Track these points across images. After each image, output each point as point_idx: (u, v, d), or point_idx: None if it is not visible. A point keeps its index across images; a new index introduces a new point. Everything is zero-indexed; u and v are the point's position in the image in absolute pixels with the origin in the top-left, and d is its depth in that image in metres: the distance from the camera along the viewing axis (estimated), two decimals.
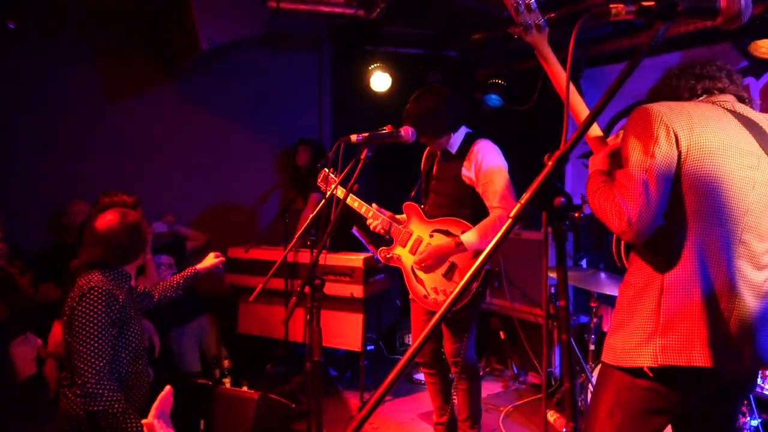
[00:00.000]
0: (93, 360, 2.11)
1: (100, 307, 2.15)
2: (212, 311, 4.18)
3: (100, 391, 2.08)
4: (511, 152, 2.84)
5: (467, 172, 2.75)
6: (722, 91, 1.64)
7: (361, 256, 3.91)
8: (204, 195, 4.73)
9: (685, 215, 1.52)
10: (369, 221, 2.95)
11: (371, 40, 4.75)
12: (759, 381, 2.65)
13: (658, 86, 1.73)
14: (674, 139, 1.49)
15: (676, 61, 4.27)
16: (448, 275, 2.74)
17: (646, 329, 1.54)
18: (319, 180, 2.99)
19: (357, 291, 3.84)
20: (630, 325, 1.59)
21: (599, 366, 2.08)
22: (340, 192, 2.62)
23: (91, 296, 2.16)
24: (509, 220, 0.94)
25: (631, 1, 0.97)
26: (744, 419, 2.78)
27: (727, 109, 1.60)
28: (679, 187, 1.51)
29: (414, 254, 2.85)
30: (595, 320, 3.48)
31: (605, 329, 3.80)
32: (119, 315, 2.22)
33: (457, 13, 4.55)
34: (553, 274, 3.36)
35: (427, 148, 3.04)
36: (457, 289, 0.98)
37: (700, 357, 1.48)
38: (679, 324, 1.50)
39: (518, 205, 0.93)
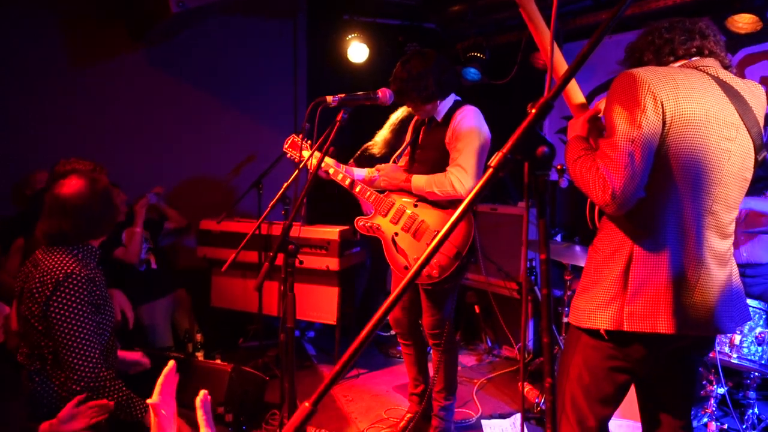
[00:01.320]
0: (86, 354, 1.97)
1: (82, 297, 1.97)
2: (185, 285, 4.10)
3: (101, 383, 1.98)
4: (490, 126, 2.80)
5: (448, 139, 2.70)
6: (711, 53, 1.62)
7: (337, 228, 3.86)
8: (175, 165, 4.60)
9: (661, 185, 1.51)
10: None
11: (349, 8, 4.64)
12: (726, 349, 2.71)
13: (647, 38, 1.69)
14: (660, 109, 1.46)
15: None
16: None
17: (608, 293, 1.57)
18: (285, 146, 2.90)
19: (333, 264, 3.80)
20: (594, 288, 1.62)
21: None
22: (316, 159, 2.54)
23: (71, 286, 1.96)
24: (490, 170, 0.90)
25: None
26: (711, 387, 2.85)
27: (711, 75, 1.58)
28: (659, 156, 1.49)
29: (396, 224, 2.79)
30: (569, 293, 3.51)
31: None
32: (99, 300, 2.06)
33: None
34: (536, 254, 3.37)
35: (415, 117, 2.96)
36: (432, 245, 0.94)
37: (663, 324, 1.51)
38: (646, 292, 1.52)
39: (500, 154, 0.90)
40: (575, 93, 1.74)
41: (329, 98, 2.01)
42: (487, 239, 4.22)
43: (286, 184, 2.45)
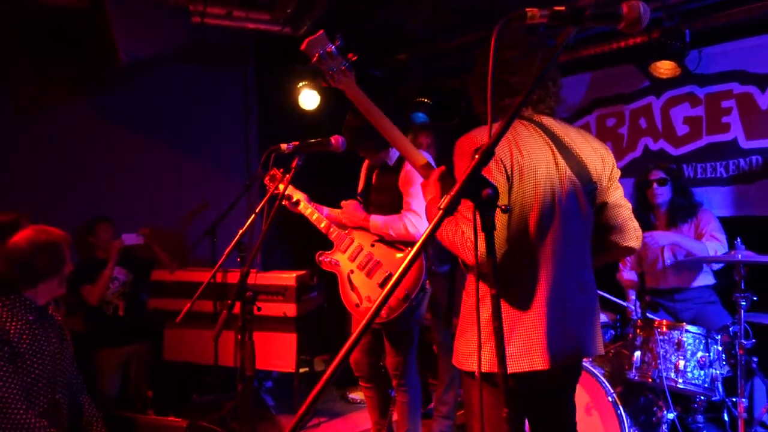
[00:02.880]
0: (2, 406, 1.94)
1: None
2: (145, 339, 3.96)
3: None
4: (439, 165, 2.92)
5: (401, 183, 2.80)
6: (544, 108, 1.71)
7: (293, 273, 3.85)
8: (124, 217, 4.48)
9: (515, 232, 1.61)
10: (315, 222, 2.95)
11: (299, 56, 4.75)
12: (672, 375, 2.83)
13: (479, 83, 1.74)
14: (502, 166, 1.58)
15: (586, 81, 4.59)
16: (384, 285, 2.74)
17: (481, 336, 1.60)
18: (266, 179, 2.93)
19: (290, 310, 3.77)
20: (468, 332, 1.68)
21: None
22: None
23: None
24: (440, 212, 0.96)
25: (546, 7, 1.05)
26: (661, 413, 2.95)
27: (533, 121, 1.70)
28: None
29: (353, 261, 2.85)
30: None
31: None
32: (18, 350, 2.03)
33: (381, 33, 4.67)
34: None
35: (366, 161, 3.06)
36: (388, 287, 0.99)
37: (539, 361, 1.59)
38: (519, 333, 1.60)
39: (448, 196, 0.96)
40: (416, 156, 1.84)
41: (283, 146, 2.07)
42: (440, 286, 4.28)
43: (241, 231, 2.46)
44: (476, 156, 0.99)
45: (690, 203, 3.48)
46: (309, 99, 4.77)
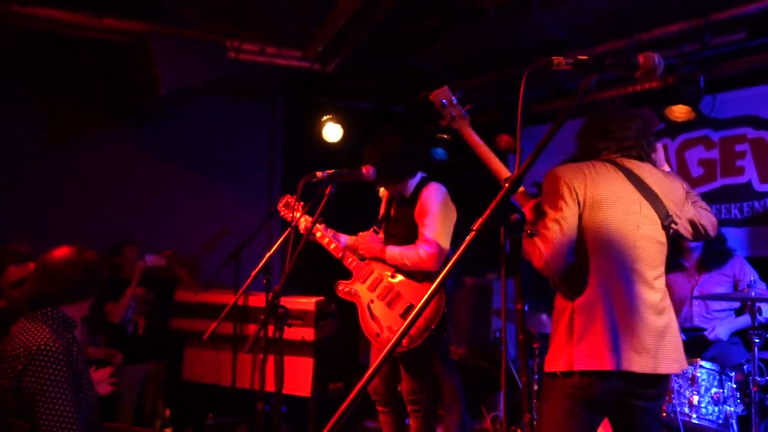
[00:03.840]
0: (65, 429, 1.91)
1: (58, 370, 1.93)
2: (163, 358, 4.06)
3: None
4: (456, 198, 3.02)
5: (416, 215, 2.89)
6: (619, 149, 2.02)
7: (313, 299, 3.94)
8: (150, 240, 4.64)
9: (587, 252, 1.91)
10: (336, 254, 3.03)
11: (325, 92, 4.97)
12: (686, 410, 2.85)
13: (580, 139, 2.13)
14: (575, 195, 1.90)
15: None
16: (405, 315, 2.82)
17: (560, 341, 1.92)
18: (280, 205, 3.04)
19: (308, 334, 3.84)
20: (554, 338, 1.96)
21: None
22: (303, 225, 2.71)
23: (45, 359, 1.92)
24: (472, 233, 1.07)
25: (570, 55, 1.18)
26: None
27: (616, 163, 2.00)
28: (581, 230, 1.91)
29: (372, 292, 2.93)
30: (537, 360, 3.64)
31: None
32: (76, 371, 2.02)
33: (404, 72, 4.88)
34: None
35: (386, 192, 3.16)
36: (414, 311, 1.09)
37: (609, 362, 1.81)
38: (588, 337, 1.86)
39: (480, 219, 1.07)
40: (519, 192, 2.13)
41: (319, 174, 2.21)
42: (456, 310, 4.36)
43: (268, 254, 2.58)
44: (505, 185, 1.11)
45: (723, 248, 3.49)
46: (333, 132, 4.95)
